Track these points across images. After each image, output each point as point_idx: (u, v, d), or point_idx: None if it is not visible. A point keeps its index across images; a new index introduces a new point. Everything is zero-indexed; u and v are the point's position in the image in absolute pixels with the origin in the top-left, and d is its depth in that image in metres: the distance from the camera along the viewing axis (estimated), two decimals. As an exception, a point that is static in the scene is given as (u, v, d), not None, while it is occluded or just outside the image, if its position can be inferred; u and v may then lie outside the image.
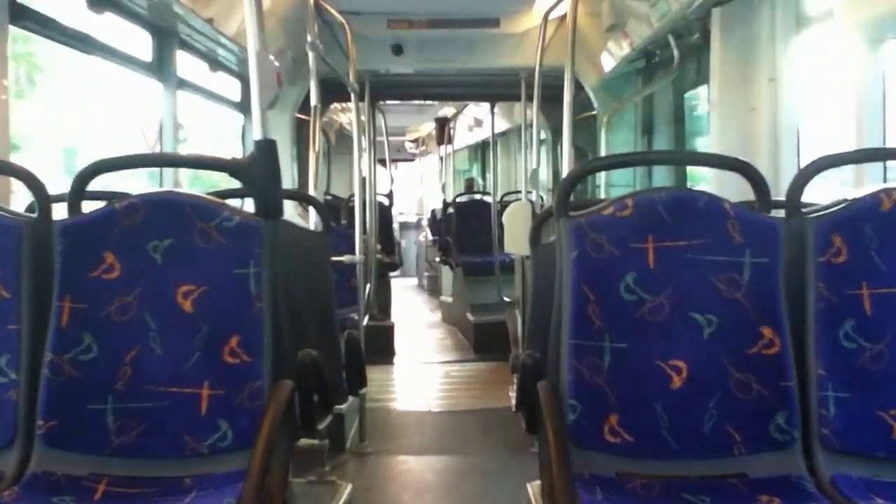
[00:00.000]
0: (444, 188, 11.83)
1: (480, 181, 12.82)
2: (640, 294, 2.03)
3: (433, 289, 11.78)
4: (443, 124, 10.94)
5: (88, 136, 4.85)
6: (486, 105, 8.76)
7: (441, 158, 12.45)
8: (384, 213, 9.07)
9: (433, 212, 11.87)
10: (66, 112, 4.66)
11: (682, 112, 4.94)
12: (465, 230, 9.01)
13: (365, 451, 4.48)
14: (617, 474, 1.97)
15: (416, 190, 17.15)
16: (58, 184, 2.47)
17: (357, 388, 3.45)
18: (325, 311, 3.11)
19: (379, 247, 7.77)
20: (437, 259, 10.35)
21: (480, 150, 12.72)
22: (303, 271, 2.71)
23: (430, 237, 11.93)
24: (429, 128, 13.09)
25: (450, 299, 9.42)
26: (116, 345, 2.03)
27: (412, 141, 15.93)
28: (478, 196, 10.04)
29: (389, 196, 9.68)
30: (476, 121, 11.01)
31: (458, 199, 9.89)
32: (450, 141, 11.18)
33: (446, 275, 9.77)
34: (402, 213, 15.27)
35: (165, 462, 2.00)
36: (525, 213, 4.80)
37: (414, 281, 13.70)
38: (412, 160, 17.41)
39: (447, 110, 10.86)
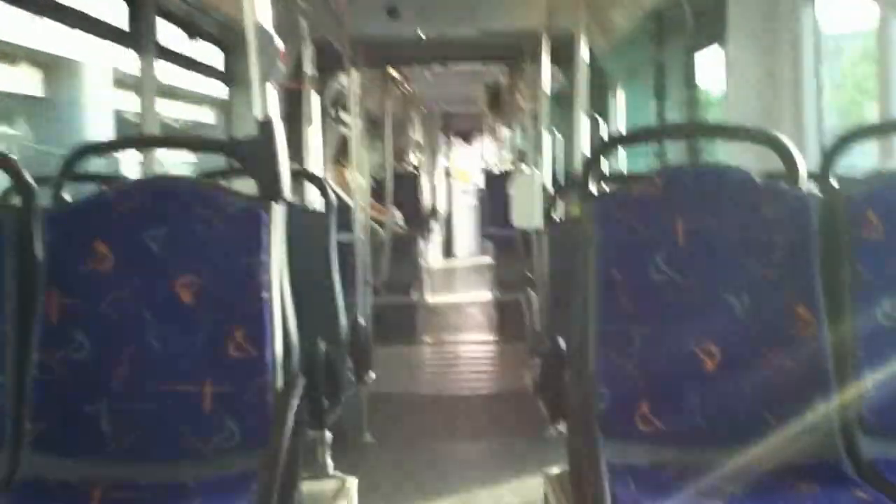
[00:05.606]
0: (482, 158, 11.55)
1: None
2: (670, 275, 1.93)
3: None
4: (492, 90, 10.41)
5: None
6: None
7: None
8: (410, 185, 8.87)
9: None
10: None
11: (693, 77, 4.80)
12: (497, 202, 8.65)
13: (371, 441, 4.32)
14: (651, 464, 1.87)
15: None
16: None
17: (363, 375, 3.34)
18: (329, 296, 2.99)
19: (401, 218, 7.54)
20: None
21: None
22: (304, 254, 2.58)
23: None
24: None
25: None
26: (111, 342, 1.89)
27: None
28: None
29: (416, 168, 9.52)
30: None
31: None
32: (501, 108, 10.61)
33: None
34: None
35: (167, 465, 1.87)
36: (532, 184, 4.68)
37: None
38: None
39: (497, 75, 10.01)
